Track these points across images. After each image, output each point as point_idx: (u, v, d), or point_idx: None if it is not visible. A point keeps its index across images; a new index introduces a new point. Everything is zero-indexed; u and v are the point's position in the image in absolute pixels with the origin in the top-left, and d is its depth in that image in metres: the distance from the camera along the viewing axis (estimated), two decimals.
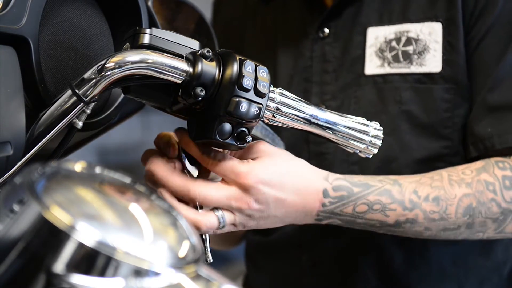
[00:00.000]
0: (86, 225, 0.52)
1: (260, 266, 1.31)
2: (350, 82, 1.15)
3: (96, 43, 0.88)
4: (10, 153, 0.72)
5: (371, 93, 1.13)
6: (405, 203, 0.93)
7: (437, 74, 1.09)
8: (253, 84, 0.79)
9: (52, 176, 0.58)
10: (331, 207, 0.90)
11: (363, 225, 0.93)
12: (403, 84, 1.11)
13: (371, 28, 1.14)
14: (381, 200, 0.92)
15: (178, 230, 0.61)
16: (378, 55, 1.13)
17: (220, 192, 0.84)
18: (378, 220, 0.92)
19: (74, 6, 0.85)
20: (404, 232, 0.95)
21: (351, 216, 0.91)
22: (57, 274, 0.51)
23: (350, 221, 0.92)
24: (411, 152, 1.10)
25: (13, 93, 0.73)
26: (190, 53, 0.79)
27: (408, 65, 1.11)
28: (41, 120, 0.77)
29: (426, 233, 0.96)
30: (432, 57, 1.09)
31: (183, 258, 0.57)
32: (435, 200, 0.94)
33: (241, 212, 0.85)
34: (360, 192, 0.91)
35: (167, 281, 0.54)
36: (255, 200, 0.84)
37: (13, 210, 0.54)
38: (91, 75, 0.75)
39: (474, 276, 1.16)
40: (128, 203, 0.60)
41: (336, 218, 0.91)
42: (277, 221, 0.89)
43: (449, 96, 1.09)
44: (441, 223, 0.94)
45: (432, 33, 1.10)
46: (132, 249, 0.53)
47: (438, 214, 0.94)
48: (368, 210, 0.91)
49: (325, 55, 1.18)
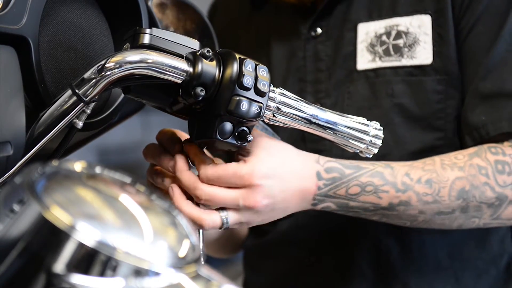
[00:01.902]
0: (86, 225, 0.52)
1: (258, 268, 1.32)
2: (343, 78, 1.15)
3: (96, 43, 0.88)
4: (10, 153, 0.72)
5: (363, 88, 1.13)
6: (398, 185, 0.93)
7: (428, 66, 1.10)
8: (253, 83, 0.79)
9: (52, 176, 0.58)
10: (325, 190, 0.90)
11: (357, 209, 0.93)
12: (394, 78, 1.12)
13: (362, 24, 1.15)
14: (373, 181, 0.92)
15: (178, 230, 0.61)
16: (369, 50, 1.14)
17: (227, 192, 0.84)
18: (372, 202, 0.92)
19: (74, 6, 0.85)
20: (398, 217, 0.95)
21: (344, 198, 0.91)
22: (57, 274, 0.51)
23: (344, 205, 0.92)
24: (405, 145, 1.11)
25: (13, 93, 0.73)
26: (190, 53, 0.79)
27: (399, 58, 1.12)
28: (41, 120, 0.77)
29: (420, 217, 0.96)
30: (422, 50, 1.10)
31: (183, 258, 0.57)
32: (428, 182, 0.94)
33: (248, 211, 0.86)
34: (352, 174, 0.91)
35: (167, 281, 0.54)
36: (262, 197, 0.85)
37: (13, 210, 0.54)
38: (91, 75, 0.75)
39: (470, 269, 1.16)
40: (128, 203, 0.60)
41: (330, 202, 0.91)
42: (280, 213, 0.90)
43: (440, 87, 1.10)
44: (435, 206, 0.94)
45: (422, 26, 1.10)
46: (132, 249, 0.53)
47: (431, 196, 0.94)
48: (361, 192, 0.91)
49: (318, 53, 1.18)
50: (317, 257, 1.19)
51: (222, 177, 0.84)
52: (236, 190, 0.85)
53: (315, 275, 1.20)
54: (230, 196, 0.85)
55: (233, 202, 0.85)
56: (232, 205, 0.85)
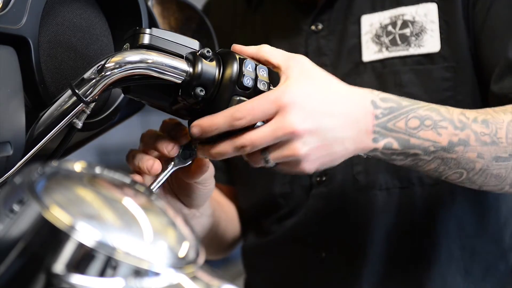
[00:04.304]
0: (86, 225, 0.52)
1: (262, 267, 1.30)
2: (349, 72, 1.15)
3: (96, 43, 0.88)
4: (10, 153, 0.72)
5: (370, 79, 1.13)
6: (455, 122, 0.89)
7: (436, 54, 1.10)
8: (253, 83, 0.79)
9: (52, 176, 0.58)
10: (383, 120, 0.84)
11: (418, 149, 0.87)
12: (402, 67, 1.11)
13: (365, 16, 1.15)
14: (431, 115, 0.87)
15: (177, 230, 0.61)
16: (374, 41, 1.14)
17: (263, 130, 0.77)
18: (432, 140, 0.87)
19: (74, 6, 0.85)
20: (457, 162, 0.90)
21: (405, 133, 0.85)
22: (57, 274, 0.51)
23: (405, 142, 0.86)
24: None
25: (13, 93, 0.73)
26: (190, 53, 0.79)
27: (407, 48, 1.12)
28: (41, 120, 0.77)
29: (478, 164, 0.91)
30: (430, 38, 1.10)
31: (183, 258, 0.57)
32: (484, 122, 0.91)
33: (291, 142, 0.77)
34: (409, 106, 0.86)
35: (167, 281, 0.54)
36: (301, 118, 0.77)
37: (13, 210, 0.54)
38: (91, 75, 0.75)
39: (480, 262, 1.15)
40: (128, 203, 0.60)
41: (391, 137, 0.85)
42: (337, 147, 0.81)
43: (449, 74, 1.10)
44: (492, 149, 0.91)
45: (428, 14, 1.10)
46: (132, 249, 0.53)
47: (489, 136, 0.90)
48: (420, 125, 0.86)
49: (321, 48, 1.18)
50: (328, 253, 1.18)
51: (255, 107, 0.77)
52: (271, 121, 0.77)
53: (324, 272, 1.18)
54: (268, 131, 0.77)
55: (273, 136, 0.77)
56: (273, 139, 0.77)
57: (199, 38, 0.83)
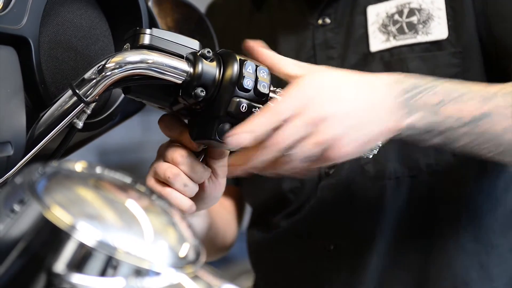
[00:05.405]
0: (87, 225, 0.52)
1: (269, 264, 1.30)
2: (356, 63, 1.15)
3: (97, 43, 0.88)
4: (10, 153, 0.72)
5: (378, 69, 1.13)
6: (481, 93, 0.88)
7: (444, 41, 1.10)
8: (253, 85, 0.79)
9: (52, 176, 0.58)
10: (409, 95, 0.83)
11: (447, 123, 0.86)
12: (410, 55, 1.12)
13: (371, 6, 1.15)
14: (457, 88, 0.87)
15: (178, 229, 0.61)
16: (381, 30, 1.14)
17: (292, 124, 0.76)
18: (458, 116, 0.86)
19: (75, 6, 0.85)
20: (484, 138, 0.89)
21: (431, 109, 0.84)
22: (57, 274, 0.51)
23: (432, 117, 0.84)
24: None
25: (13, 94, 0.73)
26: (190, 53, 0.79)
27: (414, 35, 1.12)
28: (41, 120, 0.77)
29: (505, 138, 0.90)
30: (437, 25, 1.10)
31: (184, 258, 0.57)
32: (508, 94, 0.90)
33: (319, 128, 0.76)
34: (432, 81, 0.86)
35: (167, 281, 0.54)
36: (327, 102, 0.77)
37: (13, 210, 0.54)
38: (91, 75, 0.75)
39: (494, 255, 1.14)
40: (128, 203, 0.60)
41: (422, 111, 0.83)
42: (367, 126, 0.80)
43: (456, 60, 1.10)
44: None
45: (434, 1, 1.11)
46: (133, 249, 0.53)
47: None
48: (445, 99, 0.85)
49: (328, 41, 1.18)
50: (336, 245, 1.17)
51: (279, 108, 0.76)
52: (291, 94, 0.77)
53: (334, 264, 1.18)
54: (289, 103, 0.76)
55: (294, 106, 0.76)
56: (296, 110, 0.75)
57: (199, 38, 0.83)
